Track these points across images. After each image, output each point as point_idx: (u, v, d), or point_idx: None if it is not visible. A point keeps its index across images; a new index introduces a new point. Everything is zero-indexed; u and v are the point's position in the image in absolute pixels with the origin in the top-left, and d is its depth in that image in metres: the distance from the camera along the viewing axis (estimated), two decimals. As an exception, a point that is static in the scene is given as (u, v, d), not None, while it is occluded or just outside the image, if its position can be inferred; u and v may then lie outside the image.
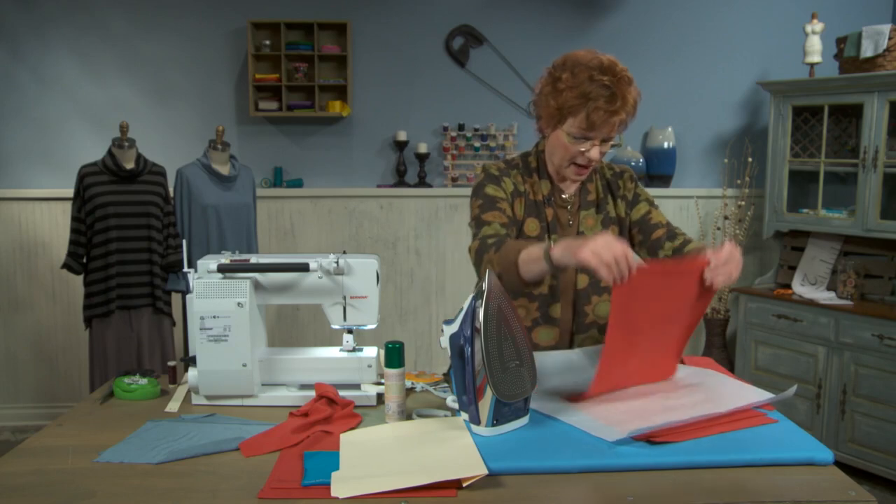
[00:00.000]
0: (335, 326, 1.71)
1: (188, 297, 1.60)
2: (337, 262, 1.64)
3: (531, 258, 1.52)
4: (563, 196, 1.82)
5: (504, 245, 1.60)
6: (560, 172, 1.78)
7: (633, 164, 4.01)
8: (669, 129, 4.05)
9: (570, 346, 1.81)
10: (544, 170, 1.81)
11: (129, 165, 3.28)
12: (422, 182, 4.05)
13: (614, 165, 1.91)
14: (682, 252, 1.77)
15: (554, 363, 1.70)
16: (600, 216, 1.83)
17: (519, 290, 1.69)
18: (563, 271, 1.76)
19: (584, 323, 1.80)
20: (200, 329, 1.57)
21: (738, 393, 1.54)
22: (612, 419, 1.39)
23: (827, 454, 1.27)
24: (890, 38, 3.32)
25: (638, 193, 1.88)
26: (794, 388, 1.49)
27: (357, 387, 1.64)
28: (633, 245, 1.87)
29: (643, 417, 1.38)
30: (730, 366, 3.93)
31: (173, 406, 1.62)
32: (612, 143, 1.72)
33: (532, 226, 1.78)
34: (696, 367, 1.71)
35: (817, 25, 3.65)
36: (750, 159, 4.04)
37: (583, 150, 1.70)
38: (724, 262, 1.50)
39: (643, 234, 1.84)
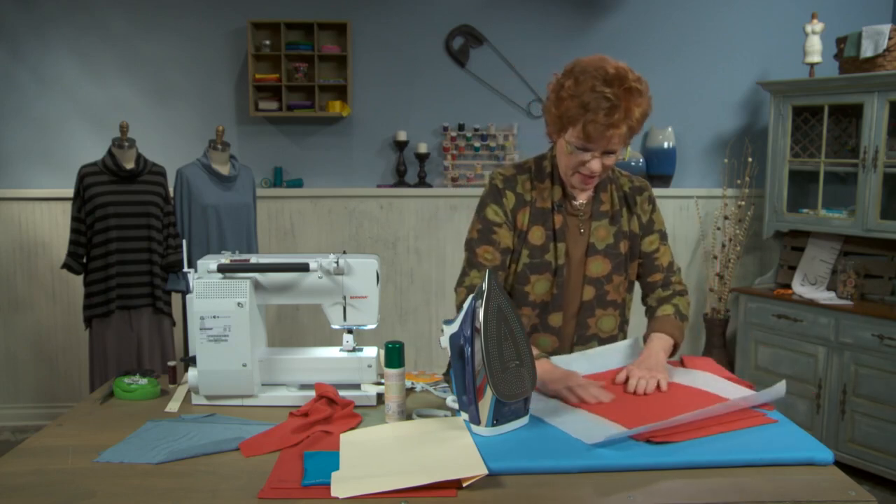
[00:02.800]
0: (335, 326, 1.71)
1: (188, 297, 1.60)
2: (337, 262, 1.64)
3: None
4: (575, 203, 1.79)
5: None
6: (566, 180, 1.75)
7: (633, 164, 4.01)
8: (669, 129, 4.05)
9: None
10: (558, 175, 1.78)
11: (129, 165, 3.28)
12: (422, 182, 4.05)
13: (634, 178, 1.87)
14: (655, 312, 1.83)
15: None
16: (614, 228, 1.79)
17: None
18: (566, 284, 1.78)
19: (586, 335, 1.80)
20: (200, 329, 1.57)
21: (729, 388, 1.55)
22: (605, 422, 1.39)
23: (827, 454, 1.27)
24: (890, 38, 3.32)
25: (653, 220, 1.86)
26: (783, 384, 1.48)
27: (357, 387, 1.64)
28: (636, 275, 1.90)
29: (641, 418, 1.38)
30: (730, 366, 3.93)
31: (173, 406, 1.62)
32: (616, 155, 1.68)
33: (537, 234, 1.76)
34: (692, 370, 1.71)
35: (817, 25, 3.65)
36: (750, 159, 4.04)
37: (583, 160, 1.66)
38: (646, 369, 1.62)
39: (644, 270, 1.86)
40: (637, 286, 1.91)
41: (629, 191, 1.84)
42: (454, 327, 1.40)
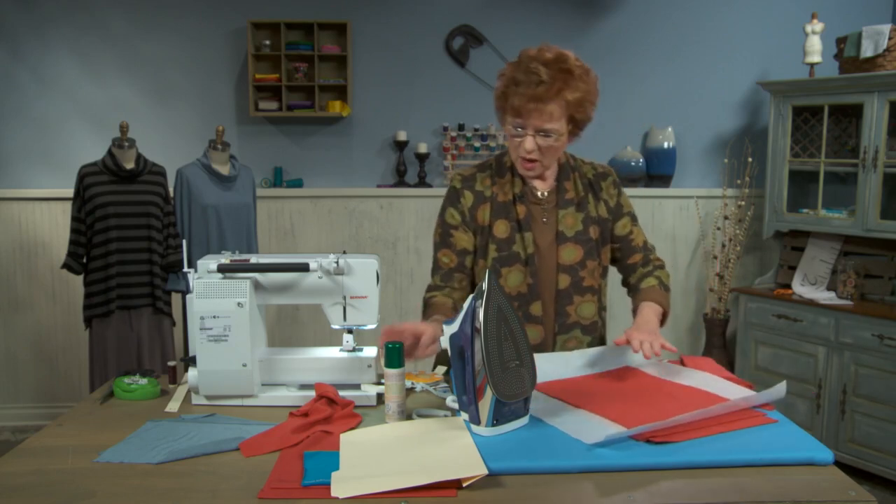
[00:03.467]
0: (335, 326, 1.71)
1: (188, 297, 1.59)
2: (337, 262, 1.64)
3: None
4: (537, 193, 1.82)
5: (425, 312, 1.77)
6: (517, 167, 1.79)
7: (632, 164, 4.01)
8: (669, 129, 4.05)
9: (553, 345, 1.81)
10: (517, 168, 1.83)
11: (129, 165, 3.28)
12: (422, 182, 4.05)
13: (597, 165, 1.90)
14: (639, 286, 1.86)
15: (553, 364, 1.70)
16: (581, 215, 1.82)
17: None
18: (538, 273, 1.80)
19: (567, 323, 1.80)
20: (200, 329, 1.57)
21: (728, 388, 1.55)
22: (605, 422, 1.39)
23: (827, 454, 1.27)
24: (890, 38, 3.32)
25: (621, 204, 1.88)
26: (783, 384, 1.48)
27: (357, 387, 1.64)
28: (612, 259, 1.92)
29: (641, 418, 1.38)
30: (730, 366, 3.94)
31: (173, 406, 1.62)
32: (553, 138, 1.69)
33: (502, 227, 1.79)
34: (692, 370, 1.71)
35: (817, 25, 3.65)
36: (750, 159, 4.04)
37: (518, 139, 1.70)
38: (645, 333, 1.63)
39: (622, 254, 1.90)
40: (612, 272, 1.94)
41: (593, 177, 1.87)
42: (454, 327, 1.40)
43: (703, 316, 4.09)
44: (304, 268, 1.63)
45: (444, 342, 1.43)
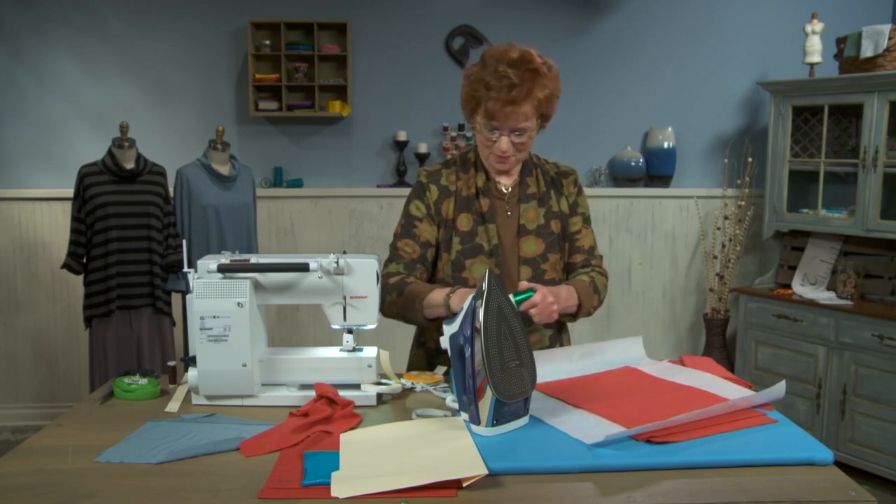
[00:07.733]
0: (335, 326, 1.71)
1: (188, 297, 1.59)
2: (337, 262, 1.64)
3: (432, 304, 1.69)
4: (500, 188, 1.84)
5: (406, 290, 1.76)
6: (486, 163, 1.81)
7: (632, 164, 4.01)
8: (669, 129, 4.05)
9: None
10: (481, 163, 1.85)
11: (129, 165, 3.28)
12: (422, 182, 4.05)
13: (561, 165, 1.94)
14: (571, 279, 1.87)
15: (554, 362, 1.70)
16: (543, 209, 1.84)
17: (422, 325, 1.83)
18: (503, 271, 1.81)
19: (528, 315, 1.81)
20: (200, 329, 1.57)
21: (727, 388, 1.55)
22: (605, 422, 1.39)
23: (827, 454, 1.27)
24: (890, 38, 3.32)
25: (577, 203, 1.91)
26: (783, 384, 1.48)
27: (357, 387, 1.64)
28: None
29: (641, 418, 1.38)
30: (730, 366, 3.94)
31: (173, 406, 1.62)
32: (526, 135, 1.72)
33: (465, 220, 1.82)
34: (692, 370, 1.71)
35: (817, 25, 3.65)
36: (750, 159, 4.04)
37: (492, 139, 1.72)
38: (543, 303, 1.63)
39: (567, 251, 1.91)
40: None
41: (555, 175, 1.91)
42: (454, 327, 1.40)
43: (703, 316, 4.09)
44: (304, 268, 1.63)
45: (445, 342, 1.43)
